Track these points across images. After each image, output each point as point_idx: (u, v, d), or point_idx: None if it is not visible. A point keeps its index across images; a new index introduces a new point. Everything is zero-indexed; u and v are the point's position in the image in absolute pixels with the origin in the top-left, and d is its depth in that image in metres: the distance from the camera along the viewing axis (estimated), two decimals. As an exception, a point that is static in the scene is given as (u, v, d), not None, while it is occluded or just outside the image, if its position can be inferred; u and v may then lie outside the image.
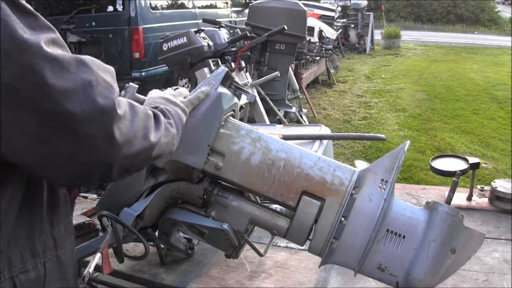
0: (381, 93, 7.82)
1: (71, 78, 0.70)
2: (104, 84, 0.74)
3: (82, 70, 0.72)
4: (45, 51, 0.68)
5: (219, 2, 7.37)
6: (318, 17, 8.11)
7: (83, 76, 0.71)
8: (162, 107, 0.99)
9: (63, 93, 0.68)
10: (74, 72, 0.71)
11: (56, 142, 0.70)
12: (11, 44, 0.65)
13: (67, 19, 5.42)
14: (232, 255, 1.27)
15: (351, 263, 1.14)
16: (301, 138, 1.92)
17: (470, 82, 8.59)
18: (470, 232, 1.13)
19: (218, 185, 1.26)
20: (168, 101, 1.05)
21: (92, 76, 0.73)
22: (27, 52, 0.66)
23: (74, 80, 0.70)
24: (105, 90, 0.74)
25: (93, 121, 0.71)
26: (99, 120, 0.72)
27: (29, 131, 0.68)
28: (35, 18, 0.72)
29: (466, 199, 1.89)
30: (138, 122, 0.80)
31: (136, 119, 0.80)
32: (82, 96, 0.70)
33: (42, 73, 0.67)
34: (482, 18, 22.90)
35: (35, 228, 0.79)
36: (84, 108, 0.70)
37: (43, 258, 0.79)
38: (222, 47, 3.65)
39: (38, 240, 0.79)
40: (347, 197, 1.13)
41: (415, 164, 4.47)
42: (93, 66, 0.75)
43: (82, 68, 0.73)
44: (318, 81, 8.40)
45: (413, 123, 5.98)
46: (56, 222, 0.84)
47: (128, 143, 0.77)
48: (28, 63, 0.66)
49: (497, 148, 5.06)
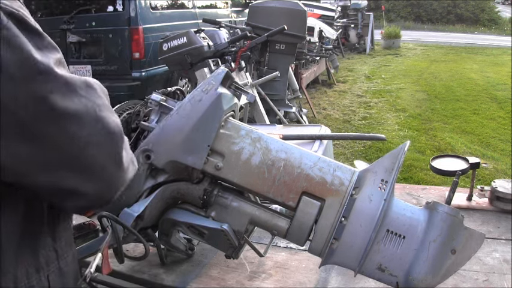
0: (381, 93, 7.82)
1: (82, 101, 0.69)
2: (108, 107, 0.74)
3: (91, 93, 0.72)
4: (55, 73, 0.66)
5: (219, 2, 7.37)
6: (318, 17, 8.11)
7: (93, 99, 0.71)
8: None
9: (74, 117, 0.67)
10: (84, 95, 0.70)
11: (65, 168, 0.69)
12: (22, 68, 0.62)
13: (67, 19, 5.42)
14: (232, 255, 1.27)
15: (351, 263, 1.14)
16: (301, 138, 1.92)
17: (470, 82, 8.59)
18: (470, 232, 1.13)
19: (218, 185, 1.25)
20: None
21: (100, 100, 0.73)
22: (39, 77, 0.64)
23: (84, 103, 0.69)
24: (111, 111, 0.74)
25: (104, 144, 0.71)
26: (110, 144, 0.72)
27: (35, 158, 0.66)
28: (40, 38, 0.69)
29: (466, 199, 1.89)
30: (129, 151, 0.81)
31: (128, 147, 0.80)
32: (93, 120, 0.70)
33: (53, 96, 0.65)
34: (482, 18, 22.91)
35: (39, 243, 0.78)
36: (96, 132, 0.70)
37: (47, 271, 0.79)
38: (222, 47, 3.65)
39: (41, 254, 0.78)
40: (347, 197, 1.13)
41: (415, 164, 4.47)
42: (99, 90, 0.75)
43: (91, 91, 0.72)
44: (318, 81, 8.40)
45: (413, 123, 5.98)
46: (58, 235, 0.83)
47: (127, 170, 0.77)
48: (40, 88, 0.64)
49: (497, 148, 5.06)
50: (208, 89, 1.17)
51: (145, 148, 1.16)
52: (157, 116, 1.23)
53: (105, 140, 0.71)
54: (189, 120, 1.15)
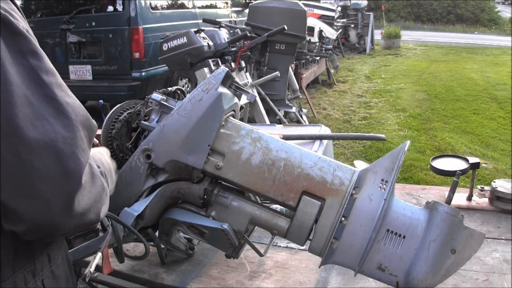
0: (380, 93, 7.82)
1: (46, 131, 0.63)
2: (79, 144, 0.67)
3: (61, 123, 0.65)
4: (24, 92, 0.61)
5: (219, 2, 7.37)
6: (318, 17, 8.11)
7: (59, 129, 0.65)
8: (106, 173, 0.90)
9: (34, 146, 0.62)
10: (52, 123, 0.64)
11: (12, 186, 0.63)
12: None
13: (67, 19, 5.42)
14: (233, 255, 1.27)
15: (351, 263, 1.14)
16: (301, 138, 1.92)
17: (470, 82, 8.59)
18: (470, 232, 1.13)
19: (218, 185, 1.25)
20: (111, 175, 0.98)
21: (69, 132, 0.66)
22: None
23: (47, 134, 0.63)
24: (79, 151, 0.67)
25: (56, 183, 0.65)
26: (63, 186, 0.66)
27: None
28: (26, 41, 0.66)
29: (466, 199, 1.89)
30: (95, 195, 0.74)
31: (94, 191, 0.74)
32: (52, 154, 0.64)
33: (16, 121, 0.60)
34: (482, 18, 22.91)
35: (34, 249, 0.77)
36: (51, 167, 0.64)
37: (41, 276, 0.79)
38: (222, 47, 3.65)
39: (38, 259, 0.78)
40: (347, 197, 1.13)
41: (415, 164, 4.47)
42: (75, 121, 0.68)
43: (62, 119, 0.66)
44: (318, 81, 8.39)
45: (413, 123, 5.98)
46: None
47: (82, 215, 0.71)
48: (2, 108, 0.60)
49: (497, 148, 5.06)
50: (209, 88, 1.18)
51: (146, 148, 1.16)
52: (157, 115, 1.24)
53: (59, 180, 0.65)
54: (190, 120, 1.15)
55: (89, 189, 0.72)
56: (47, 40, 5.62)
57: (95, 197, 0.74)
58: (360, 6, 11.90)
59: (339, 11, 10.79)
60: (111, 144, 1.29)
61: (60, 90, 0.68)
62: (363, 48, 12.66)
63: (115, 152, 1.29)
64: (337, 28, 9.48)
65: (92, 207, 0.73)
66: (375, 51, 13.12)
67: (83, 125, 0.70)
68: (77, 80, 5.50)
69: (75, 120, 0.68)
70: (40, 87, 0.66)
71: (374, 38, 13.27)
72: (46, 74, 0.67)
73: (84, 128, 0.70)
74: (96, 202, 0.75)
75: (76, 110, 0.69)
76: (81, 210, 0.70)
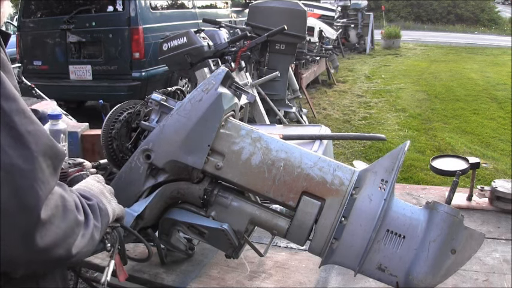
0: (380, 93, 7.82)
1: (2, 163, 0.60)
2: (38, 177, 0.64)
3: (19, 153, 0.62)
4: None
5: (219, 2, 7.38)
6: (318, 17, 8.11)
7: (16, 162, 0.61)
8: (95, 203, 0.88)
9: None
10: (10, 155, 0.61)
11: None
12: None
13: (67, 19, 5.42)
14: (232, 255, 1.27)
15: (351, 263, 1.14)
16: (301, 138, 1.92)
17: (470, 82, 8.59)
18: (470, 232, 1.13)
19: (218, 185, 1.25)
20: (105, 197, 0.96)
21: (28, 164, 0.63)
22: None
23: (3, 166, 0.60)
24: (37, 185, 0.64)
25: (13, 218, 0.62)
26: (20, 219, 0.63)
27: None
28: None
29: (466, 199, 1.89)
30: (64, 229, 0.70)
31: (64, 225, 0.70)
32: (8, 187, 0.60)
33: None
34: (482, 18, 22.93)
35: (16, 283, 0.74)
36: (7, 201, 0.61)
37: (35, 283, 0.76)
38: (222, 47, 3.65)
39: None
40: (347, 197, 1.13)
41: (415, 164, 4.47)
42: (35, 151, 0.64)
43: (21, 150, 0.62)
44: (318, 81, 8.39)
45: (413, 123, 5.98)
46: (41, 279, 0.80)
47: (46, 250, 0.67)
48: None
49: (497, 148, 5.06)
50: (209, 88, 1.18)
51: (146, 148, 1.16)
52: (157, 115, 1.23)
53: (15, 215, 0.62)
54: (189, 120, 1.15)
55: (56, 223, 0.68)
56: (47, 40, 5.62)
57: (64, 232, 0.70)
58: (360, 6, 11.90)
59: (339, 11, 10.80)
60: (111, 144, 1.29)
61: (21, 117, 0.64)
62: (363, 48, 12.66)
63: (115, 152, 1.29)
64: (337, 28, 9.49)
65: (60, 242, 0.69)
66: (375, 51, 13.13)
67: (45, 154, 0.66)
68: (77, 80, 5.50)
69: (36, 150, 0.64)
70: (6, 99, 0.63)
71: (374, 38, 13.28)
72: (6, 100, 0.63)
73: (46, 158, 0.66)
74: (66, 237, 0.71)
75: (38, 139, 0.65)
76: (45, 246, 0.66)
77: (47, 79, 5.54)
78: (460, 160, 1.83)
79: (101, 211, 0.89)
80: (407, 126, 5.86)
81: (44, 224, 0.65)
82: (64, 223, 0.70)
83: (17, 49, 5.87)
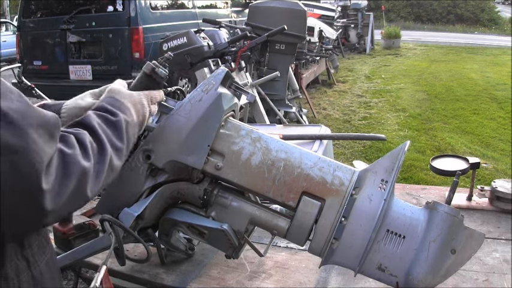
0: (380, 93, 7.82)
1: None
2: (31, 148, 0.65)
3: (8, 132, 0.63)
4: None
5: (219, 2, 7.37)
6: (318, 17, 8.11)
7: (7, 139, 0.62)
8: (121, 118, 0.90)
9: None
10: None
11: None
12: None
13: (67, 19, 5.42)
14: (232, 255, 1.27)
15: (351, 263, 1.14)
16: (301, 138, 1.92)
17: (470, 82, 8.59)
18: (470, 232, 1.13)
19: (218, 185, 1.25)
20: (132, 103, 0.97)
21: (19, 140, 0.64)
22: None
23: None
24: (31, 156, 0.64)
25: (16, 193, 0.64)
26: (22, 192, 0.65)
27: None
28: None
29: (466, 199, 1.89)
30: (71, 187, 0.71)
31: (69, 182, 0.71)
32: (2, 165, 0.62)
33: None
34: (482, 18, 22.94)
35: (4, 254, 0.75)
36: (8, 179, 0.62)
37: (17, 282, 0.76)
38: (222, 47, 3.65)
39: (9, 265, 0.75)
40: (347, 197, 1.13)
41: (415, 164, 4.47)
42: (25, 125, 0.65)
43: (9, 128, 0.63)
44: (318, 81, 8.39)
45: (413, 123, 5.98)
46: (27, 243, 0.80)
47: (64, 206, 0.70)
48: None
49: (497, 148, 5.05)
50: (209, 88, 1.18)
51: (146, 148, 1.16)
52: (157, 115, 1.23)
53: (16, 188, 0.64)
54: (189, 120, 1.15)
55: (61, 185, 0.69)
56: (47, 40, 5.62)
57: (73, 188, 0.71)
58: (360, 6, 11.90)
59: (339, 11, 10.80)
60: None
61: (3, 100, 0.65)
62: (363, 48, 12.66)
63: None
64: (337, 28, 9.48)
65: (72, 197, 0.71)
66: (375, 51, 13.13)
67: (35, 125, 0.67)
68: (77, 80, 5.50)
69: (24, 124, 0.65)
70: None
71: (374, 38, 13.28)
72: None
73: (37, 128, 0.67)
74: (77, 191, 0.72)
75: (23, 113, 0.66)
76: (61, 204, 0.69)
77: (47, 79, 5.54)
78: (460, 160, 1.83)
79: (127, 125, 0.91)
80: (407, 126, 5.86)
81: (49, 192, 0.67)
82: (69, 180, 0.71)
83: (17, 49, 5.87)
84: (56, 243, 1.56)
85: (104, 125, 0.86)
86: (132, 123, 0.94)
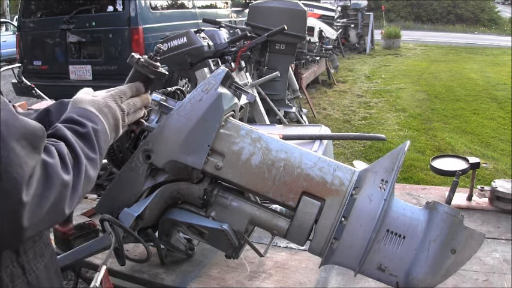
0: (380, 93, 7.82)
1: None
2: (12, 161, 0.63)
3: None
4: None
5: (219, 2, 7.37)
6: (318, 17, 8.11)
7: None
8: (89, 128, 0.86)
9: None
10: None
11: None
12: None
13: (67, 19, 5.42)
14: (232, 255, 1.27)
15: (351, 263, 1.14)
16: (301, 138, 1.92)
17: (470, 82, 8.59)
18: (470, 232, 1.13)
19: (218, 185, 1.25)
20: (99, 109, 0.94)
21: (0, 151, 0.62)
22: None
23: None
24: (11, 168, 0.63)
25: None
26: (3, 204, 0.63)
27: None
28: None
29: (466, 199, 1.89)
30: (52, 199, 0.70)
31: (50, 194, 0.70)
32: None
33: None
34: (482, 18, 22.94)
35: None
36: None
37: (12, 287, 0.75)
38: (222, 47, 3.65)
39: (4, 272, 0.75)
40: (347, 197, 1.13)
41: (415, 164, 4.47)
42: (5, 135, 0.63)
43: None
44: (318, 81, 8.40)
45: (413, 123, 5.98)
46: (23, 250, 0.79)
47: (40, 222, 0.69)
48: None
49: (497, 148, 5.06)
50: (209, 88, 1.17)
51: (146, 148, 1.16)
52: (157, 115, 1.23)
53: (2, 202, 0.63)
54: (189, 120, 1.14)
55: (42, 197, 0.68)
56: (47, 40, 5.62)
57: (52, 203, 0.70)
58: (360, 6, 11.90)
59: (339, 11, 10.80)
60: (111, 144, 1.29)
61: None
62: (363, 48, 12.67)
63: (115, 152, 1.29)
64: (337, 28, 9.49)
65: (50, 212, 0.70)
66: (375, 51, 13.13)
67: (18, 136, 0.65)
68: (77, 80, 5.50)
69: (7, 135, 0.63)
70: None
71: (374, 38, 13.29)
72: None
73: (21, 140, 0.65)
74: (56, 205, 0.71)
75: (7, 124, 0.64)
76: (34, 223, 0.67)
77: (47, 79, 5.54)
78: (460, 160, 1.83)
79: (97, 133, 0.88)
80: (407, 126, 5.86)
81: (29, 205, 0.66)
82: (49, 192, 0.70)
83: (17, 49, 5.87)
84: (56, 243, 1.56)
85: (76, 136, 0.83)
86: (102, 130, 0.91)
